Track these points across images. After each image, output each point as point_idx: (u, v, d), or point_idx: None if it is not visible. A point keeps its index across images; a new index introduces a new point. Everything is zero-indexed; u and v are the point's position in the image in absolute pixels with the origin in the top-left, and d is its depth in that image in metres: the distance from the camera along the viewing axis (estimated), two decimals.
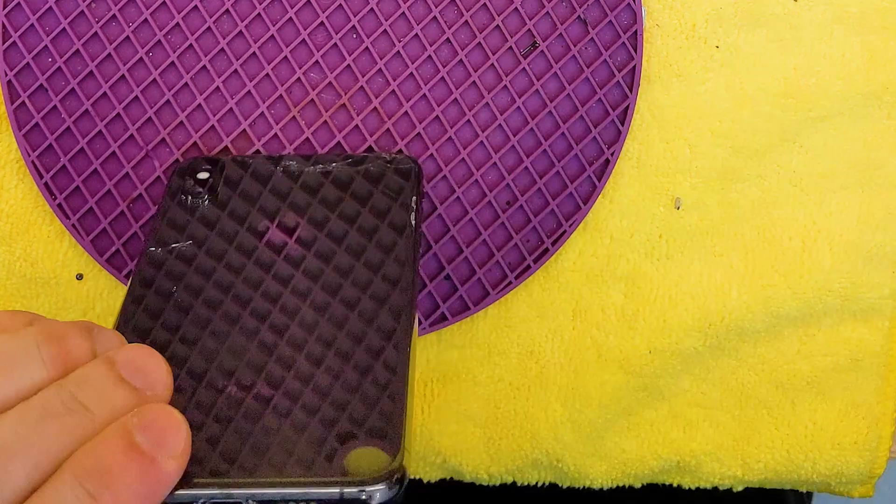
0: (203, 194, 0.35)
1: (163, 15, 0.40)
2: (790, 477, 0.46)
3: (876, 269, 0.44)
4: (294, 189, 0.35)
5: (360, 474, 0.27)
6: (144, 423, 0.26)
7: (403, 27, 0.41)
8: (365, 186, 0.35)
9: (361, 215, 0.34)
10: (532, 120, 0.41)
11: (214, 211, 0.35)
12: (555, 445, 0.45)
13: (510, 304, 0.43)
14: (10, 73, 0.40)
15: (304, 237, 0.34)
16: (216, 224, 0.34)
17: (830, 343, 0.45)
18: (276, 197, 0.35)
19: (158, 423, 0.26)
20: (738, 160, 0.43)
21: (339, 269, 0.33)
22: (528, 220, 0.42)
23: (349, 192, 0.35)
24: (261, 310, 0.32)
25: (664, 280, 0.44)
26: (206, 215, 0.35)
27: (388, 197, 0.35)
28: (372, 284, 0.32)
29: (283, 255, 0.33)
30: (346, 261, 0.33)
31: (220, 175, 0.36)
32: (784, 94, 0.42)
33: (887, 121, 0.43)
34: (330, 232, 0.34)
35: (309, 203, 0.35)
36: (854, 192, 0.44)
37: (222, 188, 0.35)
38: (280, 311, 0.32)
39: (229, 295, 0.32)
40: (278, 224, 0.34)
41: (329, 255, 0.33)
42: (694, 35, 0.42)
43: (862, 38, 0.42)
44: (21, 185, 0.42)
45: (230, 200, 0.35)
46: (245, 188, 0.36)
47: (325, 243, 0.34)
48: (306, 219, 0.34)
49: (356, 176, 0.36)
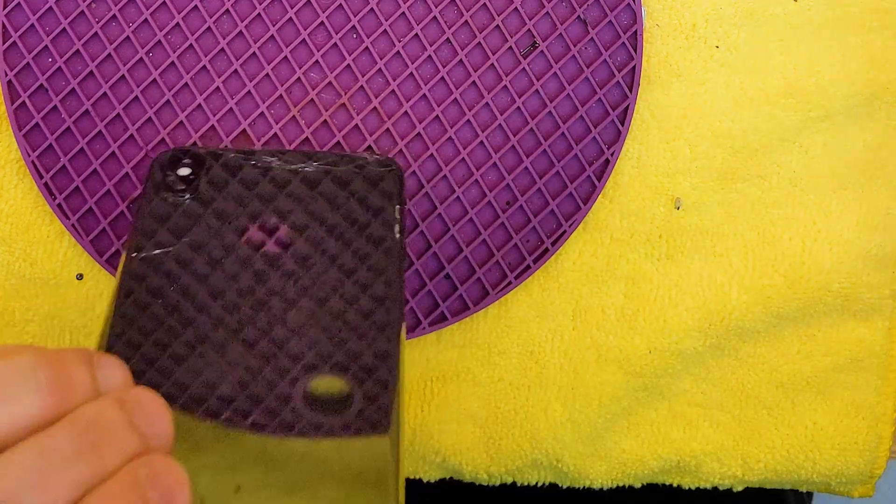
0: (185, 192, 0.33)
1: (163, 15, 0.40)
2: (790, 477, 0.46)
3: (876, 269, 0.44)
4: (285, 189, 0.34)
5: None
6: (154, 477, 0.25)
7: (403, 27, 0.41)
8: (357, 186, 0.34)
9: (350, 218, 0.34)
10: (532, 120, 0.41)
11: (196, 210, 0.33)
12: (555, 445, 0.45)
13: (510, 304, 0.43)
14: (11, 73, 0.40)
15: (290, 239, 0.33)
16: (197, 225, 0.33)
17: (830, 343, 0.45)
18: (263, 196, 0.34)
19: (166, 477, 0.26)
20: (738, 160, 0.43)
21: (329, 277, 0.32)
22: (528, 220, 0.42)
23: (339, 192, 0.34)
24: (248, 319, 0.31)
25: (664, 280, 0.44)
26: (186, 214, 0.33)
27: (375, 197, 0.34)
28: (359, 296, 0.32)
29: (268, 261, 0.32)
30: (335, 273, 0.33)
31: (202, 171, 0.34)
32: (784, 94, 0.42)
33: (887, 121, 0.43)
34: (317, 233, 0.33)
35: (299, 203, 0.34)
36: (854, 192, 0.44)
37: (203, 185, 0.33)
38: (267, 317, 0.31)
39: (216, 302, 0.32)
40: (261, 226, 0.33)
41: (316, 260, 0.33)
42: (694, 35, 0.42)
43: (862, 38, 0.42)
44: (21, 185, 0.42)
45: (211, 199, 0.33)
46: (231, 187, 0.34)
47: (312, 246, 0.33)
48: (293, 220, 0.33)
49: (346, 175, 0.34)
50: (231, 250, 0.32)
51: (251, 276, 0.32)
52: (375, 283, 0.32)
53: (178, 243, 0.32)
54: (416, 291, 0.42)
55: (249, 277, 0.32)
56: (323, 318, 0.31)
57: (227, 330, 0.31)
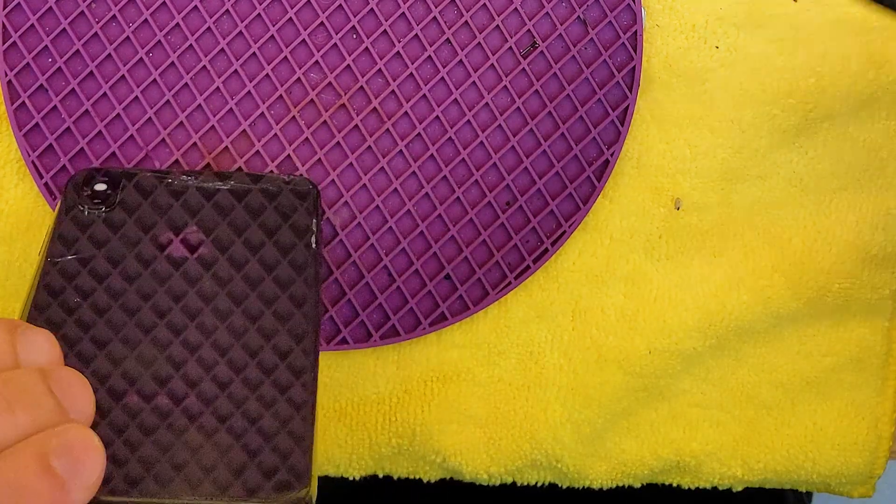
0: (100, 206, 0.34)
1: (163, 15, 0.40)
2: (790, 477, 0.46)
3: (876, 269, 0.44)
4: (191, 205, 0.35)
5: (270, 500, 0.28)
6: (64, 446, 0.25)
7: (403, 27, 0.41)
8: (264, 205, 0.35)
9: (262, 234, 0.34)
10: (532, 120, 0.41)
11: (111, 223, 0.34)
12: (554, 446, 0.45)
13: (510, 304, 0.43)
14: (11, 74, 0.40)
15: (198, 250, 0.34)
16: (113, 238, 0.34)
17: (831, 343, 0.45)
18: (176, 211, 0.34)
19: (77, 448, 0.26)
20: (739, 160, 0.43)
21: (236, 289, 0.33)
22: (528, 220, 0.42)
23: (247, 210, 0.35)
24: (163, 323, 0.32)
25: (664, 280, 0.44)
26: (101, 228, 0.34)
27: (287, 216, 0.35)
28: (273, 306, 0.32)
29: (180, 271, 0.33)
30: (243, 285, 0.33)
31: (117, 188, 0.35)
32: (784, 94, 0.42)
33: (887, 121, 0.43)
34: (226, 246, 0.34)
35: (213, 216, 0.34)
36: (854, 193, 0.44)
37: (117, 201, 0.34)
38: (183, 328, 0.32)
39: (125, 306, 0.32)
40: (173, 239, 0.34)
41: (226, 272, 0.33)
42: (694, 35, 0.42)
43: (862, 38, 0.42)
44: (21, 185, 0.42)
45: (123, 214, 0.34)
46: (148, 203, 0.35)
47: (219, 256, 0.33)
48: (202, 232, 0.34)
49: (255, 193, 0.35)
50: (144, 260, 0.33)
51: (165, 285, 0.33)
52: (284, 299, 0.32)
53: (94, 252, 0.33)
54: (417, 292, 0.42)
55: (163, 287, 0.32)
56: (229, 335, 0.32)
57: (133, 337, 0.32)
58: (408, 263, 0.41)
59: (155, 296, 0.32)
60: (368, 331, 0.41)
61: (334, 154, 0.41)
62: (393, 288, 0.41)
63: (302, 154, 0.41)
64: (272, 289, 0.33)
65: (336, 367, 0.43)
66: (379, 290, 0.41)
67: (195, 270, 0.33)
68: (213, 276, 0.33)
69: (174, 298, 0.32)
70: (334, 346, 0.41)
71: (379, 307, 0.41)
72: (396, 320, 0.41)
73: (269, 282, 0.33)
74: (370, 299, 0.41)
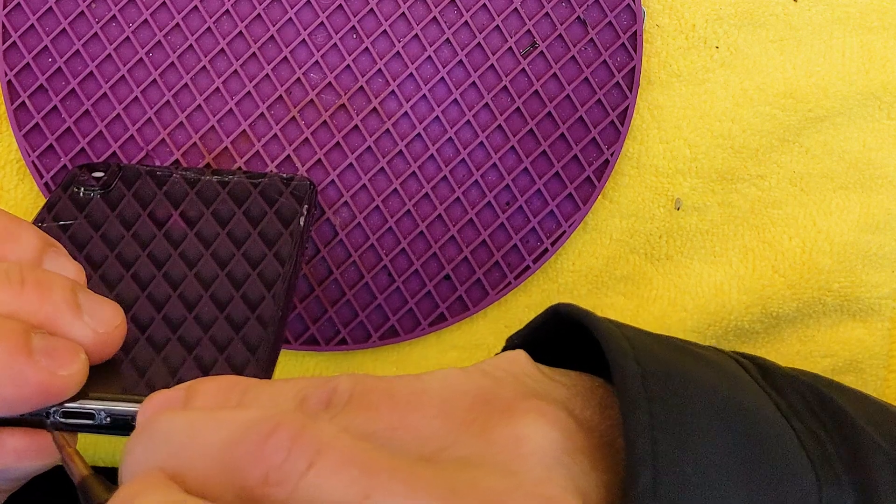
0: (95, 188, 0.35)
1: (163, 15, 0.40)
2: None
3: (876, 269, 0.44)
4: (186, 195, 0.36)
5: None
6: (49, 347, 0.25)
7: (403, 27, 0.41)
8: (258, 200, 0.36)
9: (250, 224, 0.35)
10: (532, 120, 0.41)
11: (104, 205, 0.35)
12: None
13: (510, 304, 0.43)
14: (11, 74, 0.40)
15: (188, 232, 0.34)
16: (102, 213, 0.35)
17: (830, 344, 0.45)
18: (167, 199, 0.36)
19: (62, 349, 0.26)
20: (738, 160, 0.43)
21: (220, 263, 0.34)
22: (528, 220, 0.42)
23: (241, 203, 0.36)
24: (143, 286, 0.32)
25: (664, 281, 0.44)
26: (95, 209, 0.35)
27: (280, 208, 0.35)
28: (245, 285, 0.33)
29: (167, 253, 0.34)
30: (227, 260, 0.34)
31: (113, 176, 0.36)
32: (784, 94, 0.42)
33: (887, 121, 0.43)
34: (213, 234, 0.34)
35: (200, 200, 0.36)
36: (854, 193, 0.44)
37: (116, 187, 0.36)
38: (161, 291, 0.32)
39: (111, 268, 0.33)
40: (163, 214, 0.35)
41: (209, 251, 0.34)
42: (694, 35, 0.42)
43: (862, 38, 0.42)
44: (21, 186, 0.42)
45: (121, 197, 0.35)
46: (139, 188, 0.36)
47: (206, 242, 0.34)
48: (192, 214, 0.35)
49: (251, 190, 0.36)
50: (133, 232, 0.34)
51: (148, 256, 0.33)
52: (257, 285, 0.33)
53: (80, 219, 0.34)
54: (416, 293, 0.42)
55: (146, 257, 0.33)
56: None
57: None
58: (408, 264, 0.41)
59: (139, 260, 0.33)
60: (368, 331, 0.41)
61: (334, 154, 0.41)
62: (392, 288, 0.41)
63: (302, 154, 0.41)
64: (243, 267, 0.33)
65: (335, 367, 0.43)
66: (379, 290, 0.41)
67: (180, 232, 0.34)
68: (198, 236, 0.34)
69: (157, 265, 0.33)
70: (334, 347, 0.41)
71: (378, 308, 0.42)
72: (396, 321, 0.41)
73: (242, 263, 0.34)
74: (370, 300, 0.41)
